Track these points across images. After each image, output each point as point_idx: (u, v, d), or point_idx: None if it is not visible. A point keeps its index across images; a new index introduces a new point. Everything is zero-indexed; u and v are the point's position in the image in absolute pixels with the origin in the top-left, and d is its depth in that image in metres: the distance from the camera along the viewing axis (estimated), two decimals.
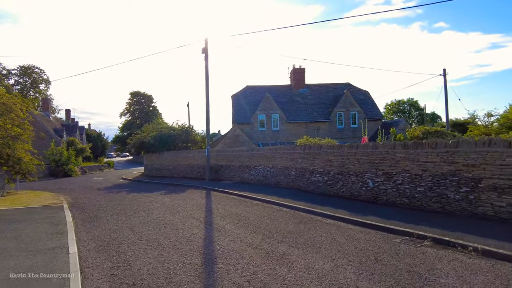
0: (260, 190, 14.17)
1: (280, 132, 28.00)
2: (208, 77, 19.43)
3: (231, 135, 23.88)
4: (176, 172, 23.59)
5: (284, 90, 30.81)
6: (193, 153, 22.26)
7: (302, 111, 28.96)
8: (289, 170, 14.58)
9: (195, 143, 25.85)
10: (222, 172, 19.64)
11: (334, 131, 28.51)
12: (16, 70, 61.83)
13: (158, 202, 12.20)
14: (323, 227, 7.92)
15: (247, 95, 30.08)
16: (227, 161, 19.24)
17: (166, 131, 25.03)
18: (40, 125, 33.58)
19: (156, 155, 25.65)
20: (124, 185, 20.00)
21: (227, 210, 10.27)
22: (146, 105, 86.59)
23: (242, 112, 28.58)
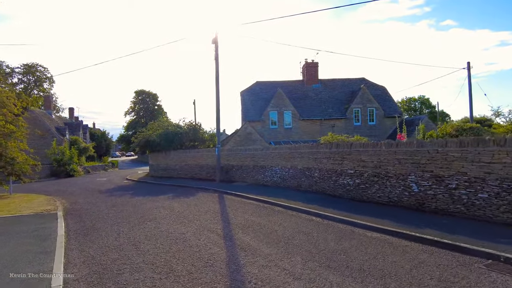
0: (279, 193, 12.63)
1: (292, 130, 26.39)
2: (218, 70, 17.91)
3: (242, 133, 22.35)
4: (184, 172, 22.11)
5: (296, 86, 29.20)
6: (201, 152, 20.77)
7: (316, 108, 27.34)
8: (311, 171, 13.00)
9: (202, 142, 24.34)
10: (234, 173, 18.11)
11: (350, 128, 26.82)
12: (20, 68, 60.92)
13: (166, 208, 10.69)
14: (372, 245, 6.35)
15: (257, 92, 28.52)
16: (239, 161, 17.70)
17: (172, 129, 23.55)
18: (41, 123, 32.34)
19: (162, 155, 24.20)
20: (128, 187, 18.56)
21: (247, 220, 8.73)
22: (151, 103, 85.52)
23: (252, 109, 27.03)
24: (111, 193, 15.43)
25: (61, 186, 19.94)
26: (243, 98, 27.89)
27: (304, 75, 30.49)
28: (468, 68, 25.22)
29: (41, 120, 32.55)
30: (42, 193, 15.63)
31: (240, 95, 29.38)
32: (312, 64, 29.70)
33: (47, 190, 17.56)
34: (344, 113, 26.96)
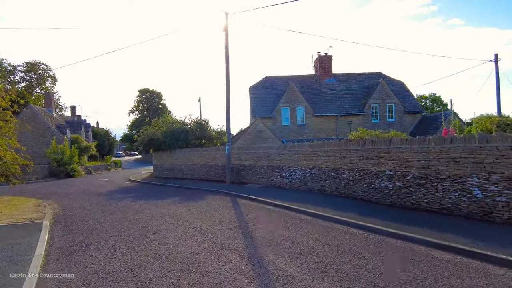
0: (301, 198, 10.99)
1: (306, 127, 24.67)
2: (228, 61, 16.28)
3: (253, 131, 20.68)
4: (190, 173, 20.50)
5: (308, 81, 27.47)
6: (209, 151, 19.13)
7: (330, 104, 25.59)
8: (338, 173, 11.31)
9: (210, 140, 22.73)
10: (246, 173, 16.46)
11: (368, 125, 24.99)
12: (22, 66, 59.83)
13: (173, 216, 9.05)
14: (454, 273, 4.69)
15: (267, 87, 26.83)
16: (252, 160, 16.05)
17: (178, 126, 21.96)
18: (41, 120, 30.92)
19: (167, 154, 22.61)
20: (130, 189, 16.97)
21: (274, 233, 7.07)
22: (155, 102, 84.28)
23: (262, 105, 25.34)
24: (110, 196, 13.84)
25: (58, 187, 18.40)
26: (252, 94, 26.22)
27: (316, 69, 28.75)
28: (496, 60, 23.37)
29: (40, 117, 31.13)
30: (34, 196, 14.08)
31: (249, 90, 27.71)
32: (325, 57, 27.96)
33: (41, 192, 16.02)
34: (362, 109, 25.18)
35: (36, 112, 31.21)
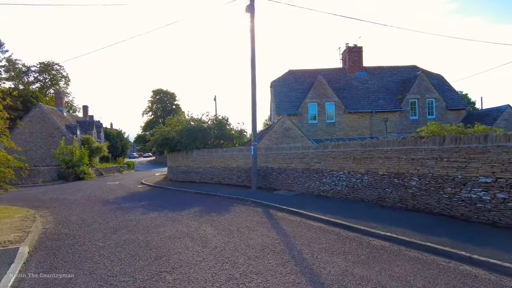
0: (355, 211, 8.63)
1: (336, 125, 22.13)
2: (254, 47, 13.97)
3: (279, 129, 18.29)
4: (209, 176, 18.26)
5: (336, 74, 24.94)
6: (231, 151, 16.85)
7: (363, 99, 22.98)
8: (404, 179, 8.83)
9: (230, 140, 20.49)
10: (274, 178, 14.09)
11: (406, 123, 22.39)
12: (36, 66, 59.16)
13: (196, 239, 6.76)
14: None
15: (291, 81, 24.41)
16: (282, 162, 13.67)
17: (195, 124, 19.77)
18: (50, 120, 29.29)
19: (183, 155, 20.46)
20: (141, 195, 14.83)
21: (347, 271, 4.69)
22: (168, 103, 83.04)
23: (286, 101, 22.93)
24: (118, 205, 11.68)
25: (63, 192, 16.42)
26: (275, 89, 23.84)
27: (345, 62, 26.18)
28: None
29: (49, 117, 29.52)
30: (30, 205, 12.05)
31: (271, 86, 25.36)
32: (355, 48, 25.37)
33: (41, 199, 14.03)
34: (398, 105, 22.47)
35: (45, 111, 29.63)
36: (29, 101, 43.02)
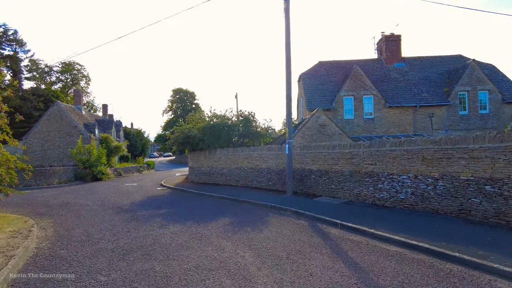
0: (439, 229, 6.52)
1: (375, 121, 19.79)
2: (289, 30, 12.00)
3: (313, 125, 16.19)
4: (234, 178, 16.39)
5: (372, 65, 22.55)
6: (259, 151, 14.90)
7: (404, 92, 20.50)
8: (500, 187, 6.62)
9: (256, 138, 18.56)
10: (313, 181, 12.03)
11: (455, 118, 19.76)
12: (58, 66, 59.35)
13: (232, 272, 4.84)
14: None
15: (322, 74, 22.23)
16: (323, 163, 11.60)
17: (219, 120, 17.97)
18: (67, 118, 28.25)
19: (205, 154, 18.70)
20: (160, 200, 13.11)
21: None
22: (188, 102, 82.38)
23: (318, 95, 20.76)
24: (133, 213, 9.94)
25: (75, 196, 14.93)
26: (305, 83, 21.71)
27: (381, 52, 23.73)
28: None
29: (67, 115, 28.50)
30: (33, 212, 10.48)
31: (300, 79, 23.27)
32: (393, 37, 22.88)
33: (49, 203, 12.51)
34: (445, 98, 19.87)
35: (63, 109, 28.65)
36: (50, 100, 42.64)
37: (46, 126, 28.19)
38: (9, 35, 47.26)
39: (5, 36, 47.05)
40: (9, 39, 47.42)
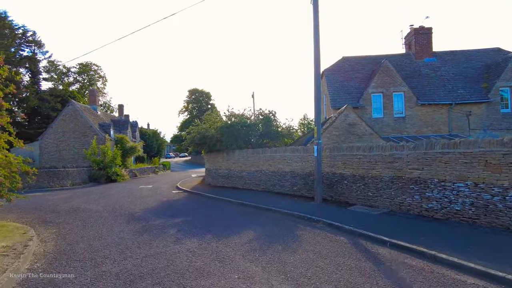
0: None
1: (406, 119, 18.25)
2: (317, 15, 10.73)
3: (341, 124, 14.84)
4: (254, 182, 15.22)
5: (400, 60, 20.98)
6: (282, 152, 13.67)
7: (438, 89, 18.86)
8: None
9: (277, 138, 17.37)
10: (345, 188, 10.72)
11: (496, 117, 18.00)
12: (75, 67, 59.77)
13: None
14: None
15: (347, 69, 20.82)
16: (357, 167, 10.28)
17: (237, 120, 16.85)
18: (82, 118, 27.73)
19: (223, 156, 17.61)
20: (176, 207, 12.08)
21: None
22: (204, 102, 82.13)
23: (343, 92, 19.36)
24: (145, 223, 8.91)
25: (86, 199, 14.10)
26: (328, 79, 20.34)
27: (409, 47, 22.08)
28: None
29: (82, 115, 28.00)
30: (40, 218, 9.62)
31: (323, 75, 21.86)
32: (422, 30, 21.21)
33: (58, 208, 11.66)
34: (484, 95, 18.13)
35: (78, 109, 28.19)
36: (67, 101, 42.60)
37: (61, 127, 27.78)
38: (28, 37, 47.59)
39: (24, 38, 47.41)
40: (28, 41, 47.75)
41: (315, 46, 10.74)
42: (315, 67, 10.86)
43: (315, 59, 10.81)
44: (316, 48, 10.74)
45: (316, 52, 10.77)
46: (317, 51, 10.75)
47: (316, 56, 10.79)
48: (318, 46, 10.73)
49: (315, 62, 10.84)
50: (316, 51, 10.76)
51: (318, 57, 10.77)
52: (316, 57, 10.80)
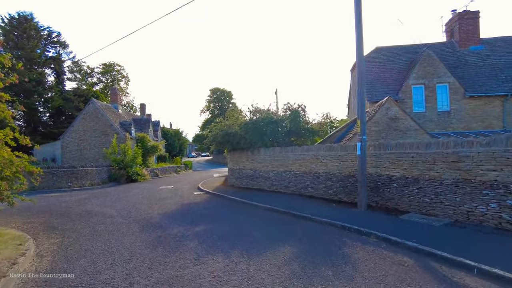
0: None
1: (452, 114, 16.26)
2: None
3: (381, 118, 13.14)
4: (283, 184, 13.77)
5: (441, 49, 18.93)
6: (315, 151, 12.14)
7: (488, 79, 16.74)
8: None
9: (307, 135, 15.83)
10: (394, 192, 9.09)
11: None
12: (99, 67, 60.33)
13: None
14: None
15: (381, 60, 19.00)
16: (410, 168, 8.63)
17: (264, 115, 15.46)
18: (102, 116, 27.16)
19: (247, 155, 16.26)
20: (197, 211, 10.82)
21: None
22: (225, 101, 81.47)
23: (380, 84, 17.57)
24: (162, 231, 7.66)
25: (102, 201, 13.11)
26: None
27: (452, 34, 19.93)
28: None
29: (102, 113, 27.44)
30: (46, 223, 8.57)
31: (354, 67, 20.13)
32: (468, 14, 19.03)
33: (70, 211, 10.65)
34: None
35: (98, 108, 27.66)
36: (90, 100, 42.86)
37: (82, 125, 27.35)
38: (52, 38, 48.18)
39: (49, 39, 48.02)
40: (53, 41, 48.35)
41: (357, 23, 9.17)
42: (357, 48, 9.29)
43: (357, 40, 9.25)
44: (358, 26, 9.17)
45: (358, 34, 9.21)
46: (359, 30, 9.18)
47: (359, 38, 9.22)
48: (360, 22, 9.16)
49: (357, 43, 9.27)
50: (358, 31, 9.18)
51: (361, 37, 9.20)
52: (358, 38, 9.23)
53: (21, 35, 43.53)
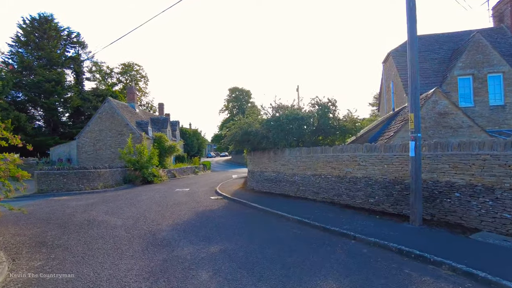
0: None
1: (507, 109, 14.04)
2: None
3: (428, 113, 11.25)
4: (311, 189, 12.05)
5: (489, 35, 16.54)
6: (351, 151, 10.36)
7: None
8: None
9: (339, 133, 14.01)
10: (457, 203, 7.24)
11: None
12: (118, 68, 60.37)
13: None
14: None
15: (419, 50, 16.74)
16: (480, 174, 6.78)
17: (288, 112, 13.81)
18: (118, 115, 26.21)
19: (269, 155, 14.65)
20: (213, 222, 9.30)
21: None
22: (244, 101, 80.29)
23: (419, 75, 15.60)
24: (168, 252, 6.19)
25: (110, 207, 11.84)
26: (398, 61, 16.59)
27: (501, 19, 17.59)
28: None
29: (118, 112, 26.50)
30: (37, 237, 7.25)
31: (388, 58, 18.21)
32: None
33: (70, 220, 9.37)
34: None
35: (114, 106, 26.74)
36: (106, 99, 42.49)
37: (97, 125, 26.53)
38: (72, 38, 48.19)
39: (69, 39, 48.06)
40: (72, 42, 48.36)
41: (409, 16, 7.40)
42: (409, 24, 7.51)
43: (409, 13, 7.47)
44: (411, 20, 7.39)
45: (411, 4, 7.43)
46: (413, 24, 7.40)
47: (411, 10, 7.44)
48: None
49: (408, 17, 7.50)
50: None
51: (414, 9, 7.42)
52: (410, 10, 7.45)
53: (42, 36, 43.67)
